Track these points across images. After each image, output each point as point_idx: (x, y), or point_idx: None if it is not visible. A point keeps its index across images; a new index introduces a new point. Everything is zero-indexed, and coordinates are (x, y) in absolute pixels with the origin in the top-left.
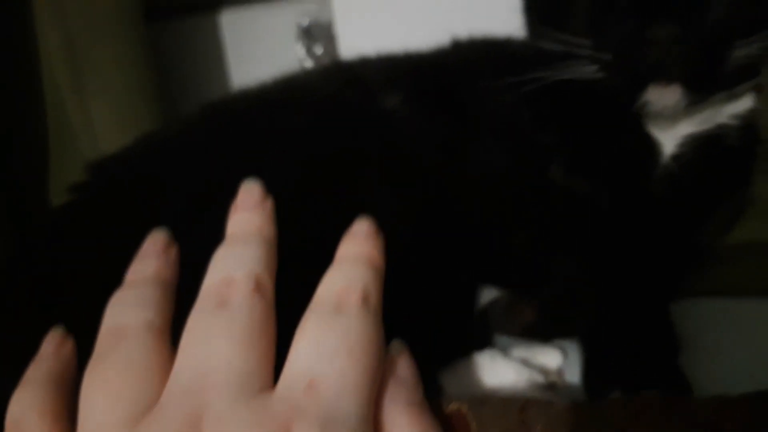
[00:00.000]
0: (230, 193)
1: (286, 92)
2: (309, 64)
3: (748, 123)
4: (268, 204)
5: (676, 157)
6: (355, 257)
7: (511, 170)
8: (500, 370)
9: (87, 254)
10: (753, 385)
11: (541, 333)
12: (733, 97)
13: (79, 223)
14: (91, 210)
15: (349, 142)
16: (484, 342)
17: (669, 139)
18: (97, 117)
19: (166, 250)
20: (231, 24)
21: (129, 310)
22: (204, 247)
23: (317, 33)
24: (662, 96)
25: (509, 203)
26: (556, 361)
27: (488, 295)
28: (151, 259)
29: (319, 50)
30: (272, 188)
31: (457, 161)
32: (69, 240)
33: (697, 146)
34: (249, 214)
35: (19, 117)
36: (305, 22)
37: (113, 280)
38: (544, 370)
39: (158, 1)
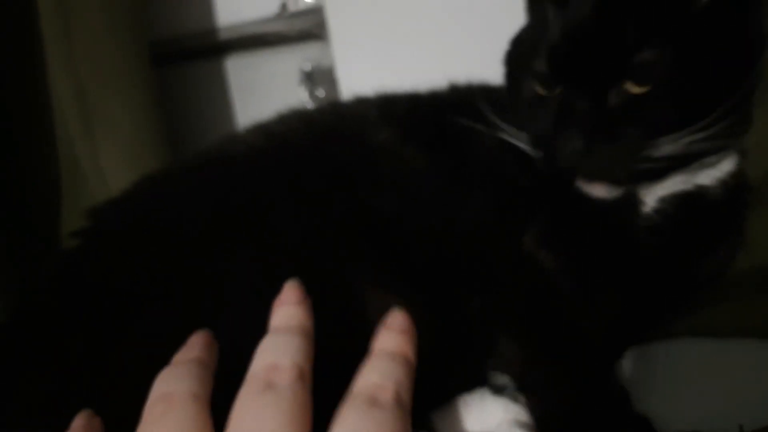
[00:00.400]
0: (222, 241)
1: (279, 136)
2: (311, 107)
3: (733, 182)
4: (308, 302)
5: (657, 211)
6: (391, 353)
7: (489, 224)
8: (489, 408)
9: (85, 303)
10: (727, 426)
11: None
12: (706, 166)
13: (78, 272)
14: (89, 257)
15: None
16: (480, 380)
17: (648, 196)
18: (106, 161)
19: (209, 344)
20: (236, 69)
21: (177, 382)
22: (198, 290)
23: (319, 77)
24: (591, 188)
25: (477, 259)
26: None
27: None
28: (196, 347)
29: (321, 93)
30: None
31: (443, 204)
32: (66, 288)
33: (678, 203)
34: (292, 308)
35: (33, 162)
36: (308, 66)
37: (110, 329)
38: None
39: (165, 47)
